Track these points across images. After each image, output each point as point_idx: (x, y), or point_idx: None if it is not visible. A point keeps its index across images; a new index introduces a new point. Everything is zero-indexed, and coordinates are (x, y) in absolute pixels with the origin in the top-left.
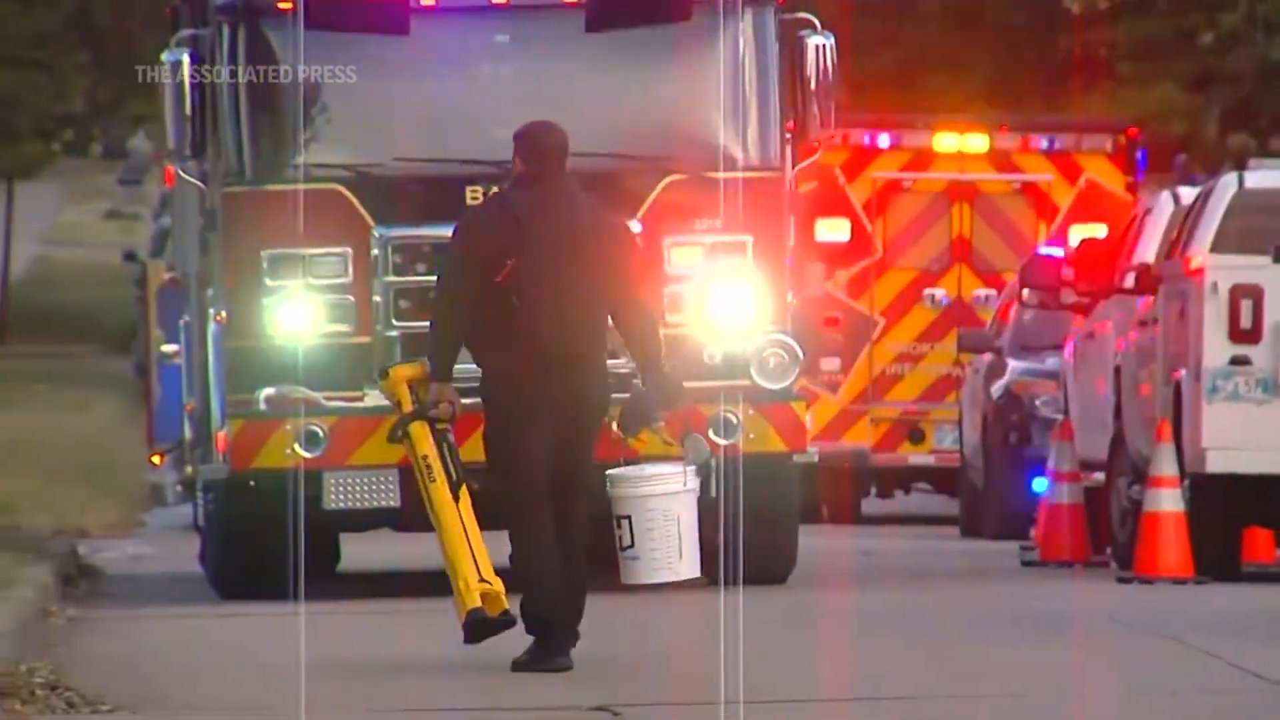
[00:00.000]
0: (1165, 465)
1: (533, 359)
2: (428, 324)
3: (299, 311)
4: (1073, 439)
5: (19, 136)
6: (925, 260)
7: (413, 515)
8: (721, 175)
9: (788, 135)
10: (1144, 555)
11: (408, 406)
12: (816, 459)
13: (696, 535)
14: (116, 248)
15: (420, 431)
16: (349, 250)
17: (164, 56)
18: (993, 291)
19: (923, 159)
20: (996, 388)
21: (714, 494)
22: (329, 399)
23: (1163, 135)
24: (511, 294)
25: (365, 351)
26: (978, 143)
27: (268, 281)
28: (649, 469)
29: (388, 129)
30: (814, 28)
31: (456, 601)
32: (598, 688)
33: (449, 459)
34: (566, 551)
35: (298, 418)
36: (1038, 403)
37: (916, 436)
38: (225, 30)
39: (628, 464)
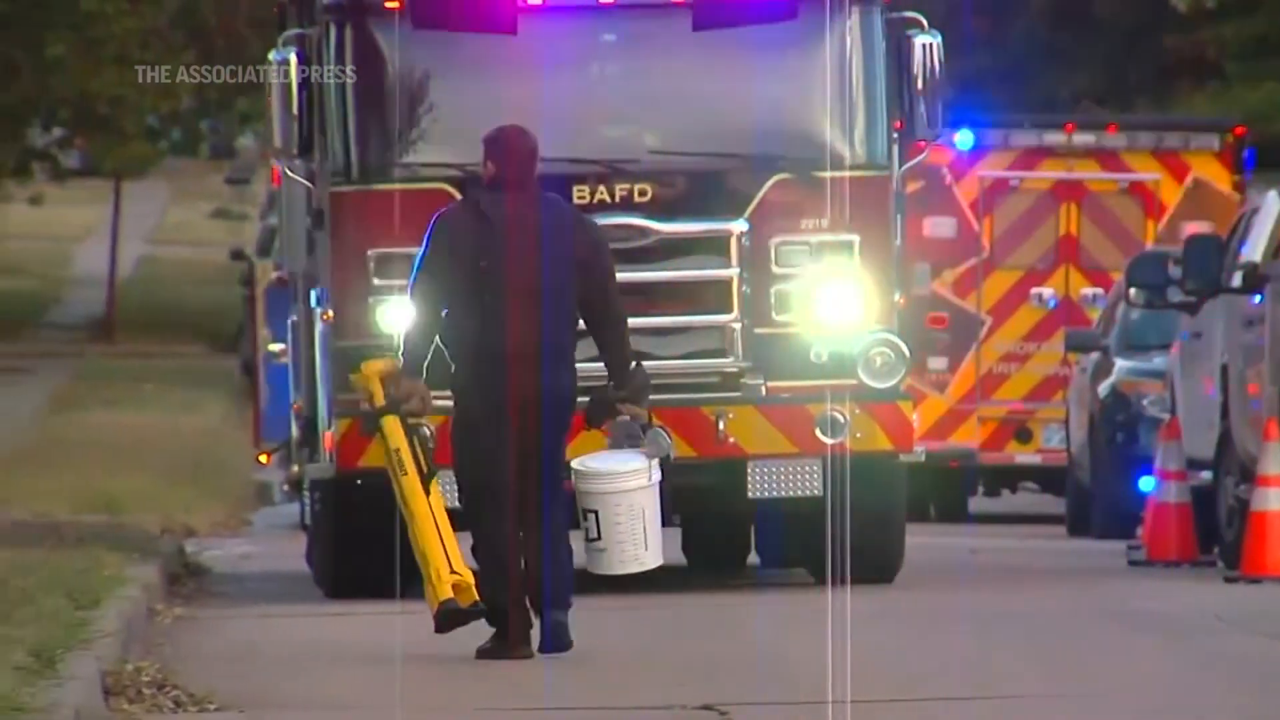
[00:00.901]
0: (1273, 464)
1: (502, 356)
2: None
3: (406, 311)
4: (1180, 438)
5: (126, 136)
6: (1032, 259)
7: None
8: (828, 174)
9: (894, 134)
10: (1251, 554)
11: (380, 401)
12: (924, 458)
13: (660, 525)
14: (223, 247)
15: (392, 425)
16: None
17: (271, 56)
18: (1100, 290)
19: (1030, 158)
20: (1103, 387)
21: (822, 493)
22: (437, 398)
23: (1270, 134)
24: (482, 293)
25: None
26: (1085, 141)
27: (374, 281)
28: (614, 463)
29: (494, 127)
30: (921, 26)
31: (428, 592)
32: (704, 686)
33: (419, 453)
34: (544, 543)
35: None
36: (1145, 402)
37: (1024, 436)
38: (332, 29)
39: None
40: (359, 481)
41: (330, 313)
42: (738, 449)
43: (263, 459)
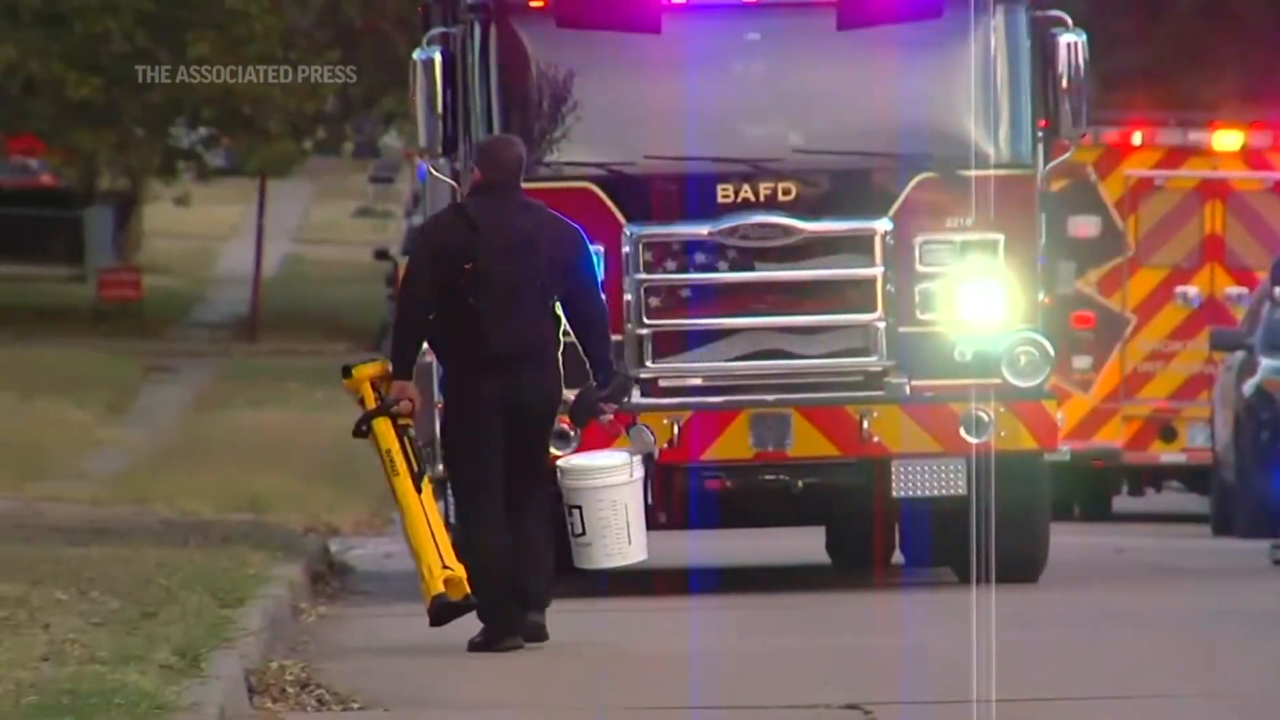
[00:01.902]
0: None
1: (488, 357)
2: (679, 322)
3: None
4: None
5: (270, 135)
6: (1177, 258)
7: (666, 514)
8: (973, 173)
9: (1039, 133)
10: None
11: (371, 403)
12: (1068, 457)
13: (643, 520)
14: (367, 246)
15: (383, 427)
16: (600, 248)
17: (415, 55)
18: (1244, 289)
19: (1175, 157)
20: (1248, 386)
21: (966, 492)
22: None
23: None
24: (469, 296)
25: (616, 349)
26: (1230, 140)
27: None
28: (598, 460)
29: (639, 127)
30: (1065, 25)
31: (422, 587)
32: (848, 685)
33: (410, 452)
34: (527, 540)
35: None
36: None
37: (1168, 434)
38: (477, 28)
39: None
40: None
41: None
42: (882, 448)
43: None
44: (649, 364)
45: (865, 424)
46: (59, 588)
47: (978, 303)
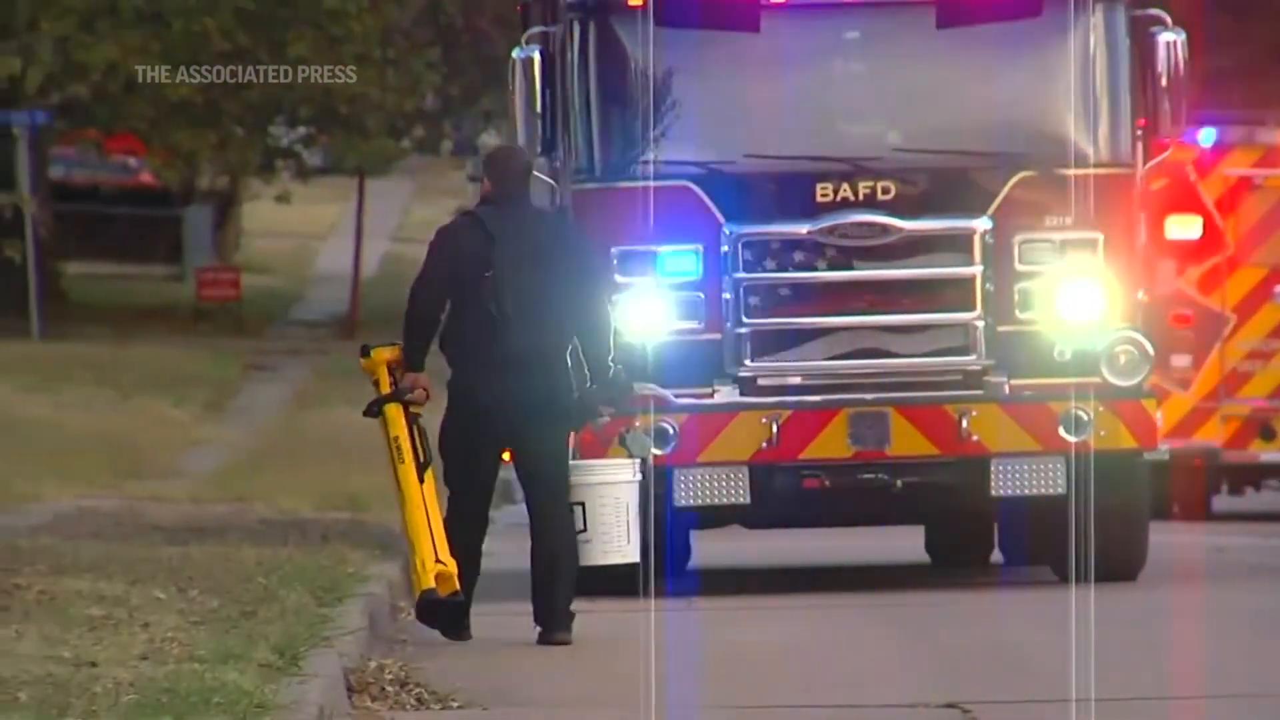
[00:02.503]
0: None
1: (505, 361)
2: (778, 321)
3: (649, 308)
4: None
5: (369, 134)
6: (1276, 257)
7: (764, 513)
8: (1073, 172)
9: (1138, 132)
10: None
11: (386, 387)
12: (1167, 456)
13: (639, 524)
14: None
15: (395, 413)
16: (699, 247)
17: (514, 54)
18: None
19: (1275, 156)
20: None
21: (1065, 491)
22: (679, 396)
23: None
24: (489, 302)
25: (715, 348)
26: None
27: (617, 278)
28: (600, 460)
29: (738, 126)
30: (1164, 24)
31: (412, 578)
32: (947, 684)
33: (418, 442)
34: (554, 556)
35: (647, 415)
36: None
37: (1268, 434)
38: (576, 27)
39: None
40: None
41: None
42: (981, 447)
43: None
44: (748, 363)
45: (964, 423)
46: (158, 586)
47: (1077, 302)
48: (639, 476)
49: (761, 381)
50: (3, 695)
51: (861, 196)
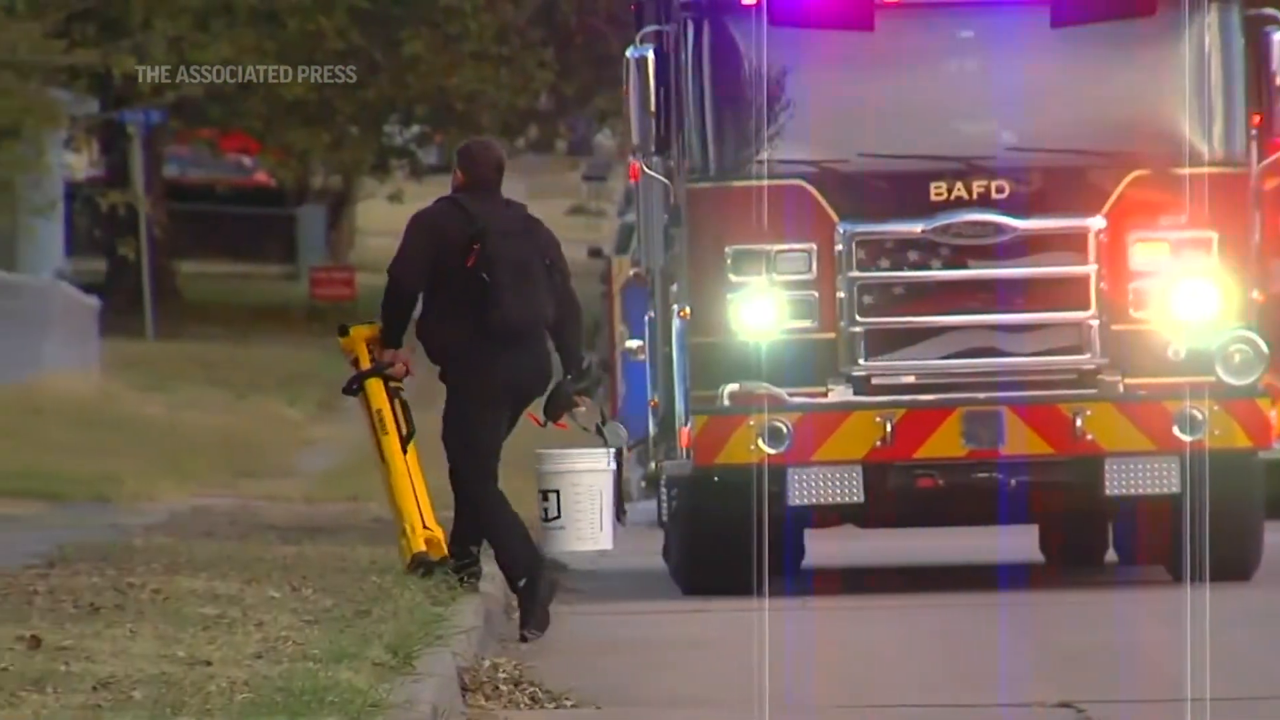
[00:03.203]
0: None
1: (502, 328)
2: (892, 320)
3: (763, 307)
4: None
5: (483, 132)
6: None
7: (877, 512)
8: (1187, 171)
9: (1252, 131)
10: None
11: (366, 364)
12: None
13: (613, 513)
14: (581, 244)
15: (376, 387)
16: (813, 246)
17: (628, 53)
18: None
19: None
20: None
21: (1179, 490)
22: (792, 395)
23: None
24: (481, 272)
25: (829, 347)
26: None
27: (731, 277)
28: (574, 449)
29: (852, 124)
30: (1278, 23)
31: (403, 544)
32: (1061, 683)
33: (399, 415)
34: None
35: (762, 414)
36: None
37: None
38: (690, 26)
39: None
40: (716, 478)
41: (687, 309)
42: (1095, 446)
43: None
44: (861, 361)
45: (1078, 422)
46: (272, 585)
47: (1191, 301)
48: (614, 466)
49: (875, 381)
50: (117, 694)
51: (975, 195)
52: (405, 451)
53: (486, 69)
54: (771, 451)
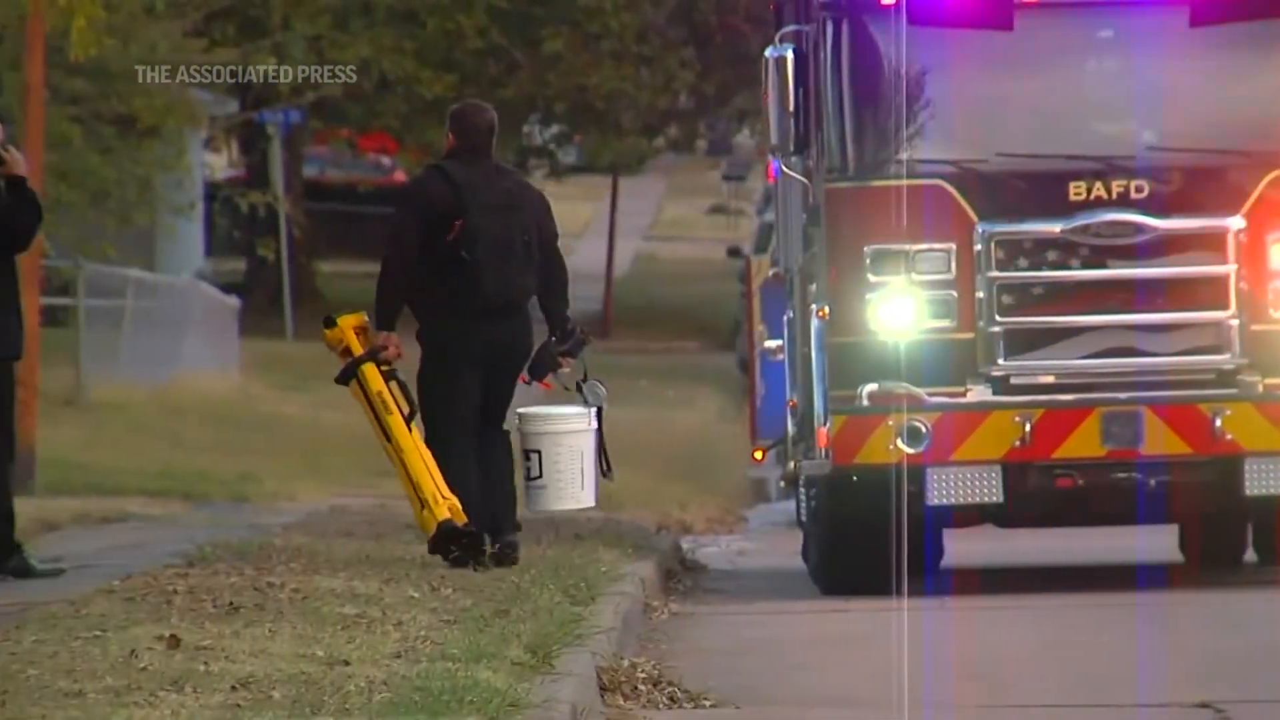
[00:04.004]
0: None
1: (480, 307)
2: (1031, 320)
3: (902, 307)
4: None
5: (624, 132)
6: None
7: (1016, 512)
8: None
9: None
10: None
11: (357, 351)
12: None
13: (595, 470)
14: (720, 243)
15: (371, 371)
16: (952, 246)
17: (767, 52)
18: None
19: None
20: None
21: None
22: (931, 395)
23: None
24: (461, 249)
25: (968, 347)
26: None
27: (870, 277)
28: (558, 408)
29: (991, 124)
30: None
31: (424, 516)
32: (1199, 684)
33: (398, 395)
34: (495, 472)
35: (900, 414)
36: None
37: None
38: (829, 26)
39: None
40: (854, 478)
41: (826, 309)
42: (1234, 446)
43: (758, 455)
44: (1000, 361)
45: (1218, 422)
46: (411, 585)
47: None
48: (595, 425)
49: (1014, 380)
50: (256, 694)
51: (1114, 195)
52: (409, 428)
53: (626, 68)
54: (910, 451)
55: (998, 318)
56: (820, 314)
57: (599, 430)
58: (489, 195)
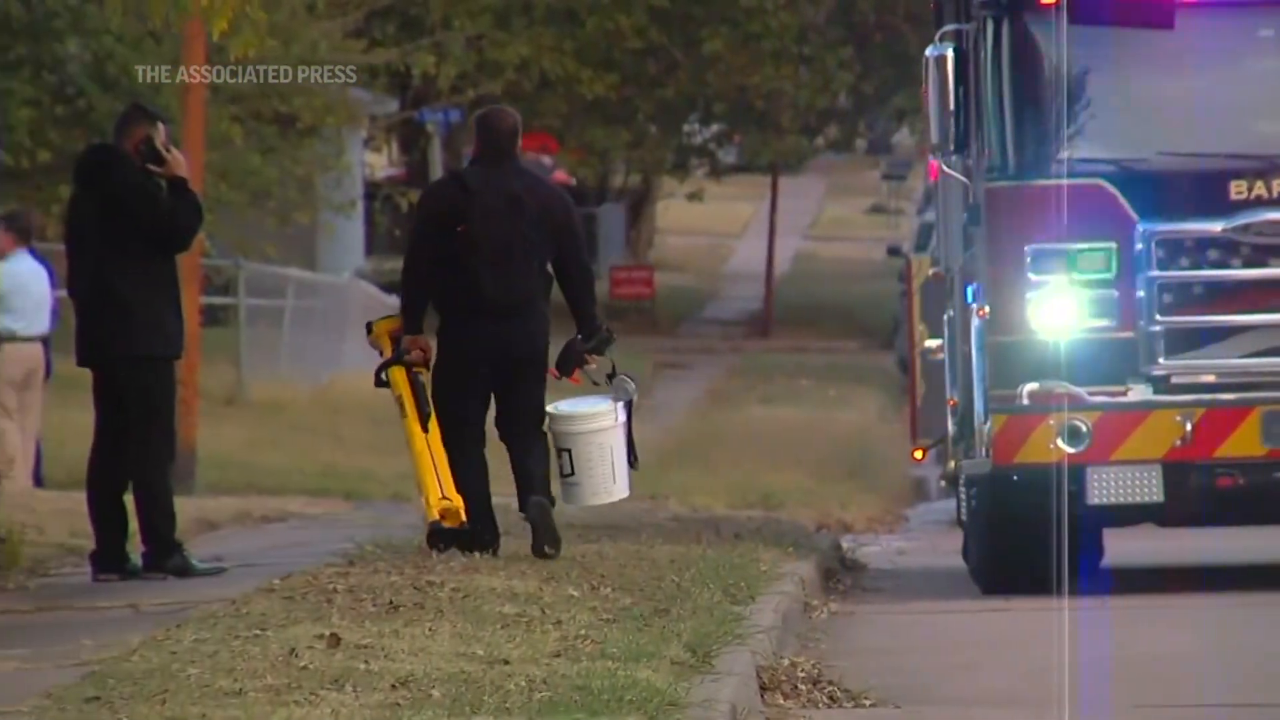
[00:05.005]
0: None
1: (482, 308)
2: (1192, 319)
3: (1062, 306)
4: None
5: (783, 131)
6: None
7: (1177, 511)
8: None
9: None
10: None
11: (389, 354)
12: None
13: (626, 461)
14: (879, 242)
15: (398, 375)
16: (1113, 245)
17: (927, 51)
18: None
19: None
20: None
21: None
22: (1092, 394)
23: None
24: (463, 254)
25: (1129, 346)
26: None
27: (1031, 276)
28: (585, 407)
29: (1151, 123)
30: None
31: (424, 515)
32: None
33: (420, 397)
34: (530, 471)
35: (1061, 413)
36: None
37: None
38: (989, 25)
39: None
40: (1015, 477)
41: (986, 308)
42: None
43: (918, 454)
44: (1161, 360)
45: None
46: (571, 584)
47: None
48: (622, 419)
49: (1175, 380)
50: (416, 692)
51: (1276, 194)
52: (425, 430)
53: (786, 68)
54: (1071, 450)
55: (1158, 317)
56: (980, 313)
57: (628, 423)
58: (493, 199)
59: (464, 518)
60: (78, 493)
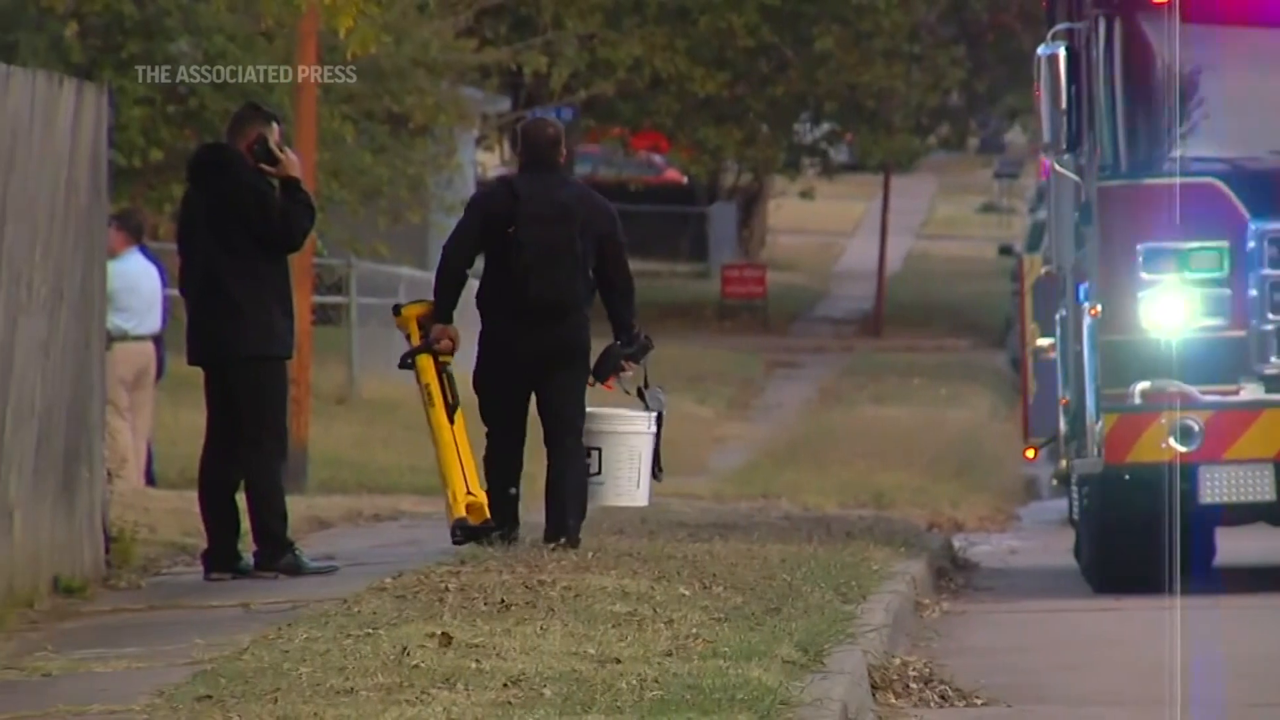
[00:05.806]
0: None
1: (525, 311)
2: None
3: (1174, 305)
4: None
5: (894, 130)
6: None
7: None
8: None
9: None
10: None
11: (415, 340)
12: None
13: (650, 472)
14: (991, 241)
15: (425, 363)
16: (1225, 243)
17: (1040, 50)
18: None
19: None
20: None
21: None
22: (1204, 393)
23: None
24: (510, 256)
25: (1240, 345)
26: None
27: (1143, 275)
28: (620, 410)
29: (1263, 121)
30: None
31: (447, 509)
32: None
33: (446, 387)
34: (568, 480)
35: (1173, 412)
36: None
37: None
38: (1101, 24)
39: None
40: (1127, 476)
41: (1098, 307)
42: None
43: (1029, 454)
44: (1273, 359)
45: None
46: (682, 583)
47: None
48: (653, 429)
49: None
50: (527, 691)
51: None
52: (451, 421)
53: (897, 66)
54: (1182, 450)
55: (1270, 315)
56: (1092, 312)
57: (657, 435)
58: (541, 206)
59: (488, 514)
60: (189, 492)
